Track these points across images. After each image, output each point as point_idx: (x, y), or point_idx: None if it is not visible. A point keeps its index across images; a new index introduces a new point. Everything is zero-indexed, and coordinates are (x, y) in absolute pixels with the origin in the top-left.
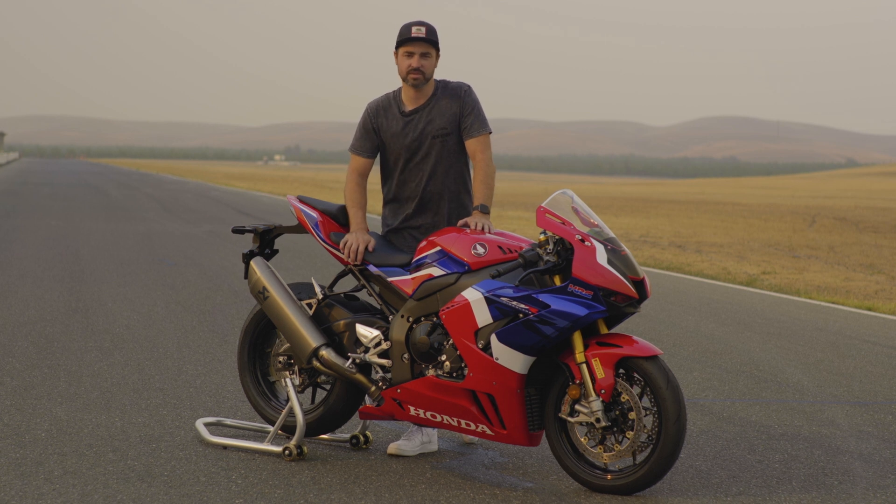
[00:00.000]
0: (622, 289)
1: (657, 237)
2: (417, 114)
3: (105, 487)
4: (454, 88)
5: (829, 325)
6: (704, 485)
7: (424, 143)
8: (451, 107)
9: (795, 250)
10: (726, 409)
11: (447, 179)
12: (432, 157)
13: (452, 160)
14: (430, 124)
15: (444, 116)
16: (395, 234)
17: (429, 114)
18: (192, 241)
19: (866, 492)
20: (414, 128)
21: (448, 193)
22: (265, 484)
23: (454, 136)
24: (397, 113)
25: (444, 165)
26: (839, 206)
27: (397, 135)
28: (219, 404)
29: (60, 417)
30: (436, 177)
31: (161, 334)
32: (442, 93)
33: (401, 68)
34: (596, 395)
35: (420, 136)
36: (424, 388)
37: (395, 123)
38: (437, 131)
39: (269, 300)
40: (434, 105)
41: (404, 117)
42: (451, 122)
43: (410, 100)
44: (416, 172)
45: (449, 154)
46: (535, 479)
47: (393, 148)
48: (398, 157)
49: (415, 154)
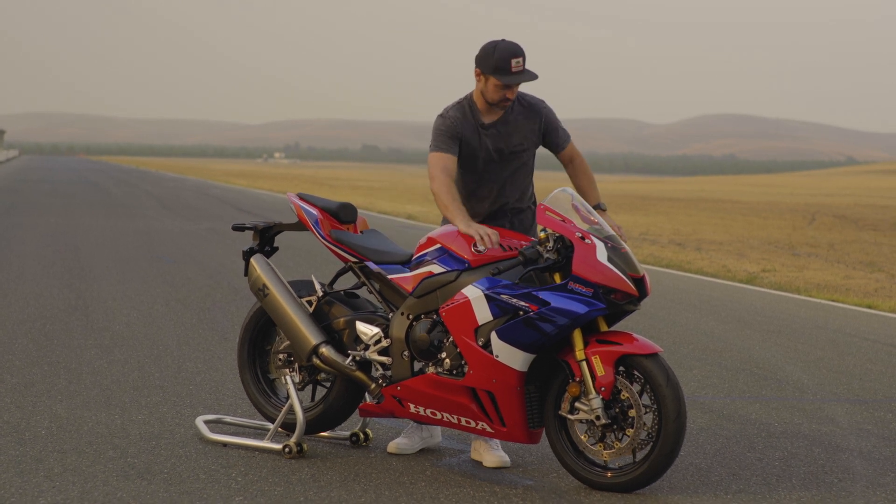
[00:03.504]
0: (622, 286)
1: (657, 235)
2: (494, 127)
3: (105, 485)
4: (530, 103)
5: (828, 322)
6: (704, 482)
7: (500, 157)
8: (529, 123)
9: (795, 248)
10: (726, 407)
11: (513, 195)
12: (506, 172)
13: (520, 177)
14: (508, 139)
15: (521, 133)
16: None
17: (506, 129)
18: (192, 238)
19: (866, 489)
20: (491, 140)
21: (514, 205)
22: (265, 481)
23: (529, 152)
24: (475, 124)
25: (512, 181)
26: (839, 204)
27: (474, 146)
28: (219, 402)
29: (60, 415)
30: (504, 192)
31: (161, 332)
32: (518, 106)
33: (490, 94)
34: (596, 393)
35: (496, 150)
36: (424, 385)
37: (473, 135)
38: (514, 147)
39: (268, 297)
40: (511, 119)
41: (482, 129)
42: (527, 139)
43: (487, 112)
44: (484, 187)
45: (519, 170)
46: (534, 477)
47: (468, 159)
48: (469, 169)
49: (488, 165)
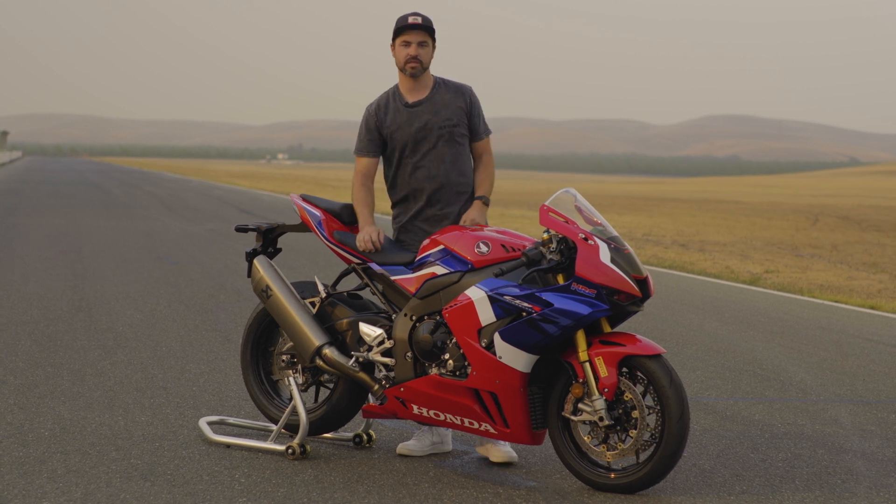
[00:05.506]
0: (625, 287)
1: (660, 236)
2: (421, 105)
3: (108, 486)
4: (456, 86)
5: (832, 323)
6: (707, 483)
7: (431, 133)
8: (456, 100)
9: (798, 249)
10: (729, 408)
11: (453, 170)
12: (439, 148)
13: (458, 151)
14: (436, 115)
15: (450, 108)
16: (405, 232)
17: (433, 105)
18: (195, 239)
19: (869, 491)
20: (419, 118)
21: (455, 185)
22: (268, 483)
23: (460, 128)
24: (399, 106)
25: (450, 156)
26: (842, 205)
27: (403, 125)
28: (222, 403)
29: (63, 416)
30: (443, 167)
31: (164, 333)
32: (444, 87)
33: (398, 58)
34: (599, 394)
35: (426, 126)
36: (428, 386)
37: (399, 116)
38: (443, 122)
39: (272, 299)
40: (437, 97)
41: (408, 108)
42: (457, 115)
43: (410, 91)
44: (423, 163)
45: (455, 145)
46: (538, 478)
47: (399, 140)
48: (404, 147)
49: (421, 143)
